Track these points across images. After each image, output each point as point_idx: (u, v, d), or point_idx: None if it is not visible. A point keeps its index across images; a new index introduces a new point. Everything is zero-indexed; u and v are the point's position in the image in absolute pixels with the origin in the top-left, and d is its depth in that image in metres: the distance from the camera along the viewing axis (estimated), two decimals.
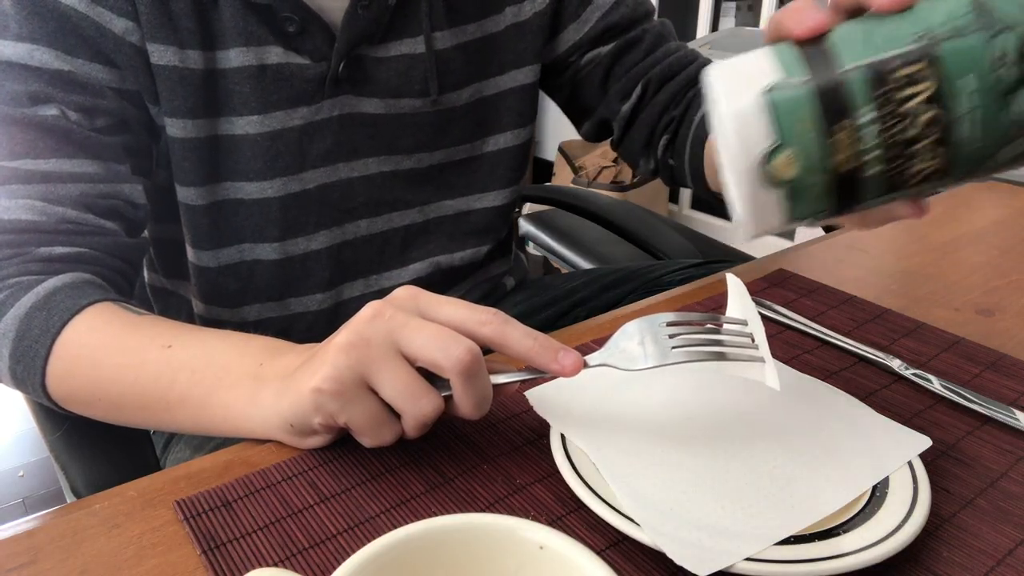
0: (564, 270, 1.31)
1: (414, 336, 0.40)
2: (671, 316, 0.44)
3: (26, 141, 0.55)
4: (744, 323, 0.45)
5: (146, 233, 0.69)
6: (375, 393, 0.41)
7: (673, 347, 0.43)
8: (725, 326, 0.45)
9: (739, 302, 0.47)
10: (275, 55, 0.62)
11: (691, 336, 0.43)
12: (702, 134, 0.74)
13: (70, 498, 0.68)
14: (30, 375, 0.52)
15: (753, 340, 0.44)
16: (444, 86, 0.70)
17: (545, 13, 0.75)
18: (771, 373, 0.43)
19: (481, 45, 0.72)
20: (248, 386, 0.46)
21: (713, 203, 0.76)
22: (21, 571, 0.37)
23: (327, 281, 0.71)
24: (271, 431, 0.45)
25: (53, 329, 0.51)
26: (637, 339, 0.44)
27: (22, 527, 0.40)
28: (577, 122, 0.85)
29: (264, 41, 0.62)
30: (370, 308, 0.41)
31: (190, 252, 0.68)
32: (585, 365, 0.42)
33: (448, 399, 0.42)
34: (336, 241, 0.70)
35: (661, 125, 0.78)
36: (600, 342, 0.57)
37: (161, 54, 0.59)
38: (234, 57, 0.61)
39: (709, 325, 0.44)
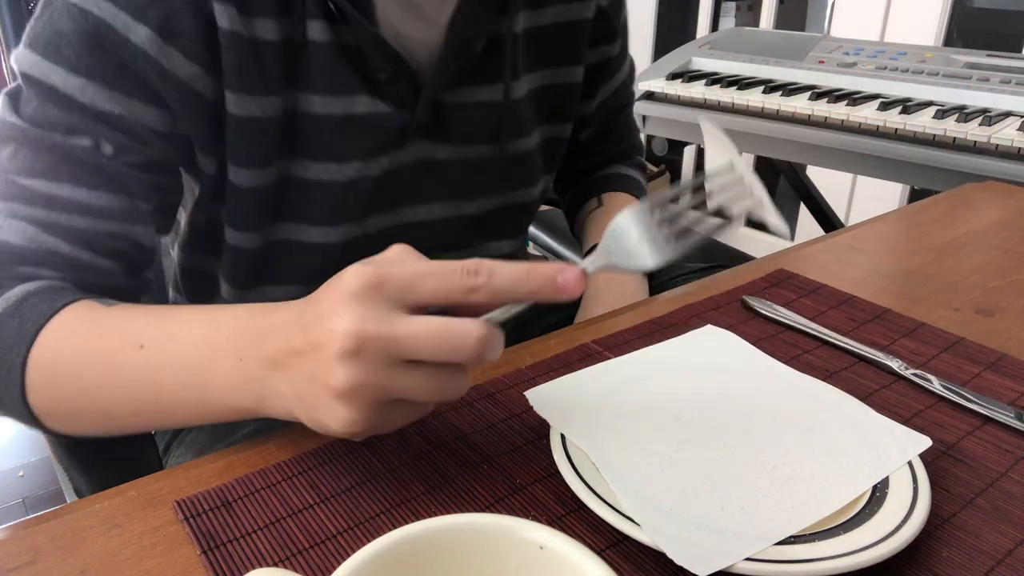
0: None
1: (415, 348, 0.37)
2: (658, 198, 0.41)
3: (49, 163, 0.52)
4: (730, 166, 0.43)
5: (155, 271, 0.67)
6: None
7: (673, 235, 0.41)
8: (713, 180, 0.42)
9: (716, 144, 0.44)
10: (362, 104, 0.60)
11: (685, 217, 0.41)
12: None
13: (70, 498, 0.68)
14: (8, 390, 0.48)
15: (743, 183, 0.42)
16: (514, 134, 0.70)
17: (591, 70, 0.77)
18: (771, 211, 0.41)
19: (553, 92, 0.72)
20: (238, 389, 0.43)
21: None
22: (21, 571, 0.37)
23: None
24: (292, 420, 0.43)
25: (27, 336, 0.47)
26: (634, 235, 0.41)
27: (22, 527, 0.40)
28: None
29: (353, 90, 0.59)
30: (345, 338, 0.36)
31: (225, 288, 0.66)
32: (586, 274, 0.39)
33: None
34: None
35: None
36: (601, 342, 0.57)
37: (243, 104, 0.56)
38: (319, 104, 0.59)
39: (697, 190, 0.42)
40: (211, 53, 0.54)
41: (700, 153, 2.94)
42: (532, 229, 1.45)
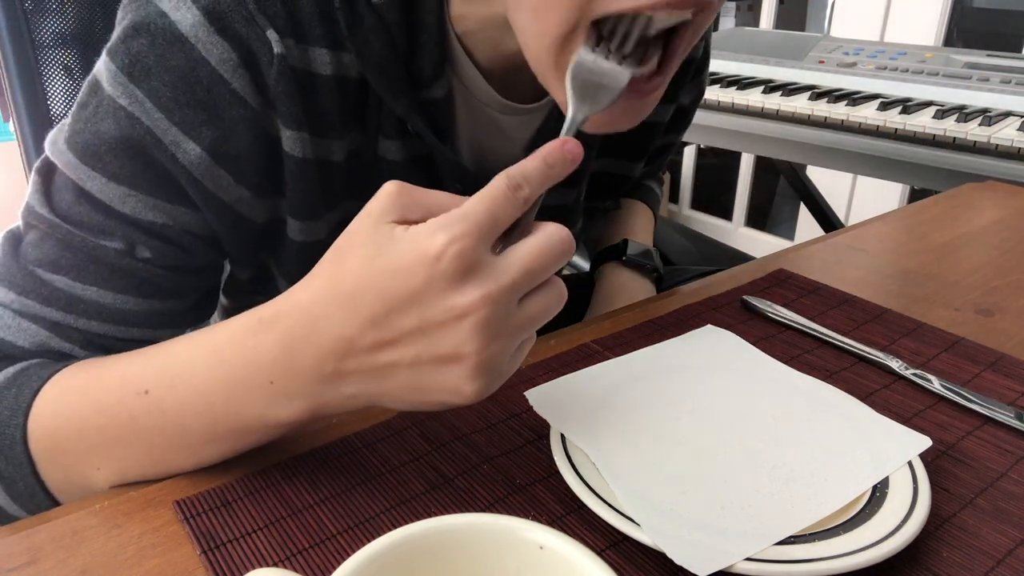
0: (565, 271, 1.31)
1: (530, 285, 0.36)
2: (586, 52, 0.44)
3: (76, 260, 0.47)
4: None
5: None
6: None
7: (623, 60, 0.43)
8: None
9: None
10: None
11: (615, 39, 0.44)
12: None
13: None
14: (19, 469, 0.44)
15: None
16: (572, 225, 0.70)
17: (655, 153, 0.78)
18: None
19: (607, 178, 0.73)
20: (290, 408, 0.39)
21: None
22: (21, 571, 0.37)
23: None
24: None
25: (24, 404, 0.44)
26: (593, 76, 0.43)
27: (22, 527, 0.40)
28: None
29: None
30: (478, 307, 0.34)
31: None
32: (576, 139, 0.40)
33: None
34: None
35: None
36: (601, 342, 0.57)
37: (307, 231, 0.53)
38: None
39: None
40: (270, 178, 0.51)
41: (700, 153, 2.94)
42: None
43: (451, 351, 0.35)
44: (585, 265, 1.33)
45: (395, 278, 0.35)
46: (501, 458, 0.44)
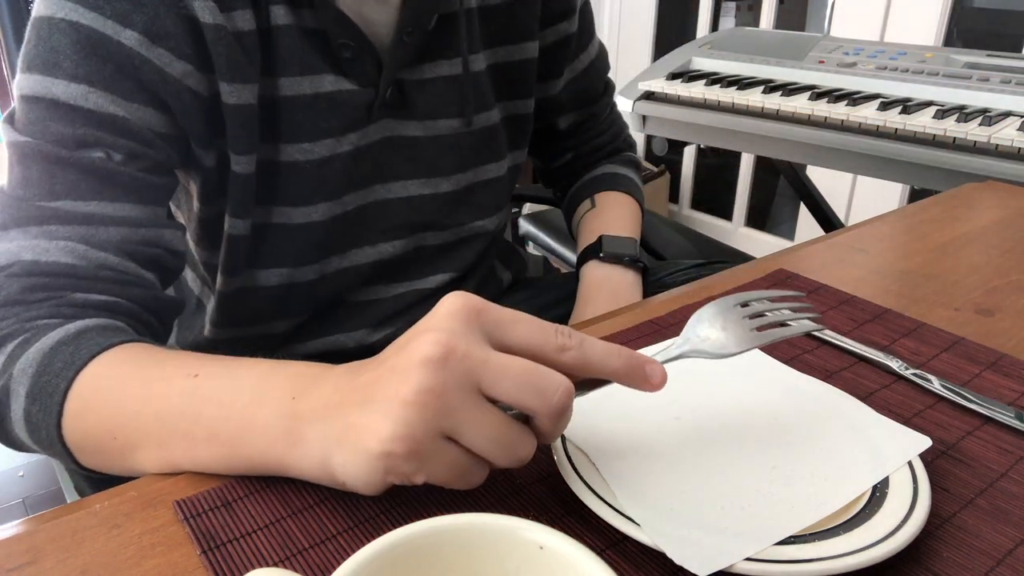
0: (564, 270, 1.31)
1: (500, 379, 0.35)
2: (740, 297, 0.45)
3: (68, 181, 0.53)
4: (799, 295, 0.48)
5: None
6: (457, 442, 0.36)
7: (755, 328, 0.44)
8: (785, 302, 0.47)
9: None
10: (328, 83, 0.63)
11: (767, 316, 0.45)
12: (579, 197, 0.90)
13: (70, 498, 0.68)
14: (46, 416, 0.46)
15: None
16: (478, 107, 0.72)
17: (551, 49, 0.79)
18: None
19: (509, 68, 0.74)
20: (282, 427, 0.40)
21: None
22: (21, 571, 0.37)
23: (354, 293, 0.72)
24: (317, 479, 0.40)
25: (78, 363, 0.46)
26: (719, 324, 0.44)
27: (22, 527, 0.40)
28: None
29: (318, 69, 0.62)
30: (435, 345, 0.35)
31: (220, 280, 0.68)
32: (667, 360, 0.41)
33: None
34: (370, 260, 0.71)
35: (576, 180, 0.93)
36: None
37: (237, 93, 0.58)
38: (289, 86, 0.61)
39: (774, 303, 0.46)
40: (198, 50, 0.57)
41: (700, 153, 2.94)
42: (532, 229, 1.46)
43: (396, 379, 0.35)
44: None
45: (395, 349, 0.38)
46: None
